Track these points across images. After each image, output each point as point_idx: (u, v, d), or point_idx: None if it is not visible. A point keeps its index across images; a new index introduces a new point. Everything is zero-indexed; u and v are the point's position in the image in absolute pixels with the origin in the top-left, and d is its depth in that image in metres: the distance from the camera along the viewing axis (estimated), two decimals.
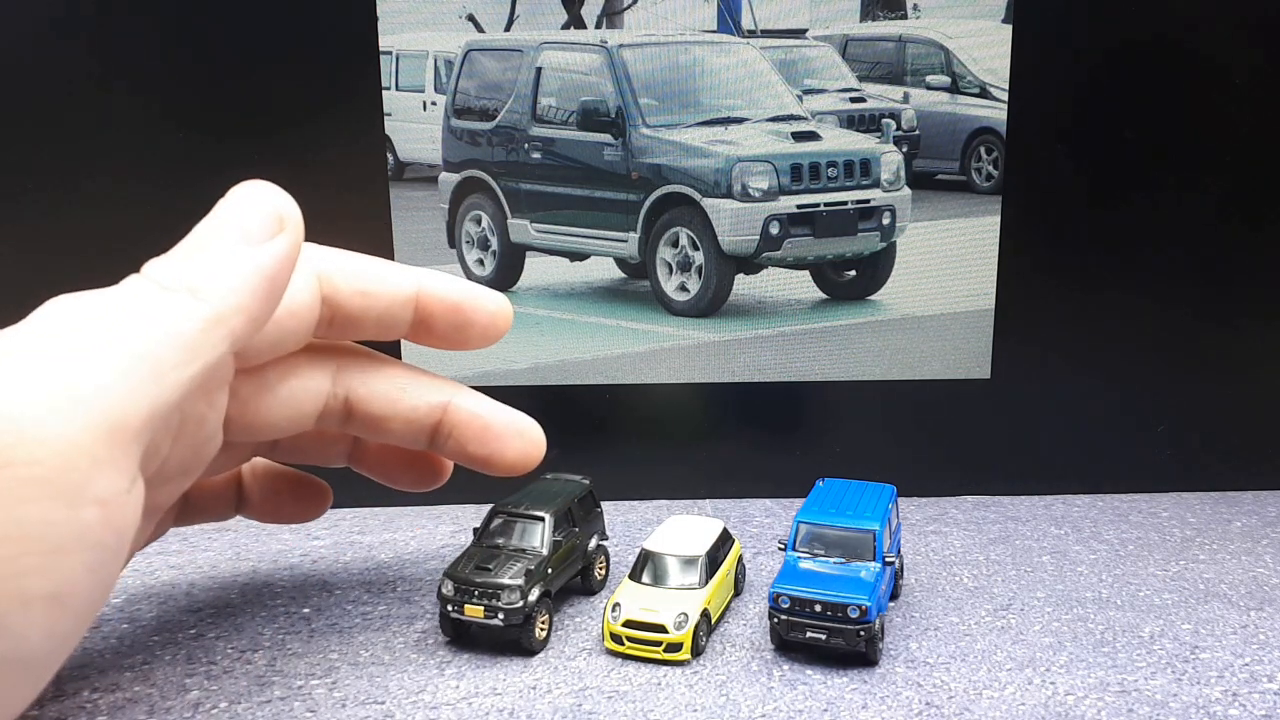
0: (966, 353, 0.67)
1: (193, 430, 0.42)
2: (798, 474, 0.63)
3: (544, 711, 0.45)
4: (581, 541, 0.55)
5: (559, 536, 0.53)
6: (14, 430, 0.33)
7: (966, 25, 0.63)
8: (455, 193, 0.66)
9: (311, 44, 0.62)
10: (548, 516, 0.53)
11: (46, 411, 0.34)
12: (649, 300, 0.67)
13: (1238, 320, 0.66)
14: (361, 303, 0.47)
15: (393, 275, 0.48)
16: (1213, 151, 0.64)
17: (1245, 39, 0.62)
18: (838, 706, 0.45)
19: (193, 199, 0.64)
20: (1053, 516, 0.66)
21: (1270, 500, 0.68)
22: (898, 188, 0.66)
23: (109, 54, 0.62)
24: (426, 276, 0.49)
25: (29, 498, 0.33)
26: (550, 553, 0.52)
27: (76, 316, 0.37)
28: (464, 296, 0.49)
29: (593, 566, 0.56)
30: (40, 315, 0.37)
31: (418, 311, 0.48)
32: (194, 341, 0.38)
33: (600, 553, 0.57)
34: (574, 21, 0.63)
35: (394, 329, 0.49)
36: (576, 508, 0.55)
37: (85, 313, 0.37)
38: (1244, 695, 0.46)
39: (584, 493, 0.57)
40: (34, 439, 0.33)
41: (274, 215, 0.43)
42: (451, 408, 0.49)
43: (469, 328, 0.49)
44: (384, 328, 0.48)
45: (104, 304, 0.38)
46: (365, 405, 0.49)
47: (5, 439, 0.33)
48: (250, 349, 0.43)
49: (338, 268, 0.46)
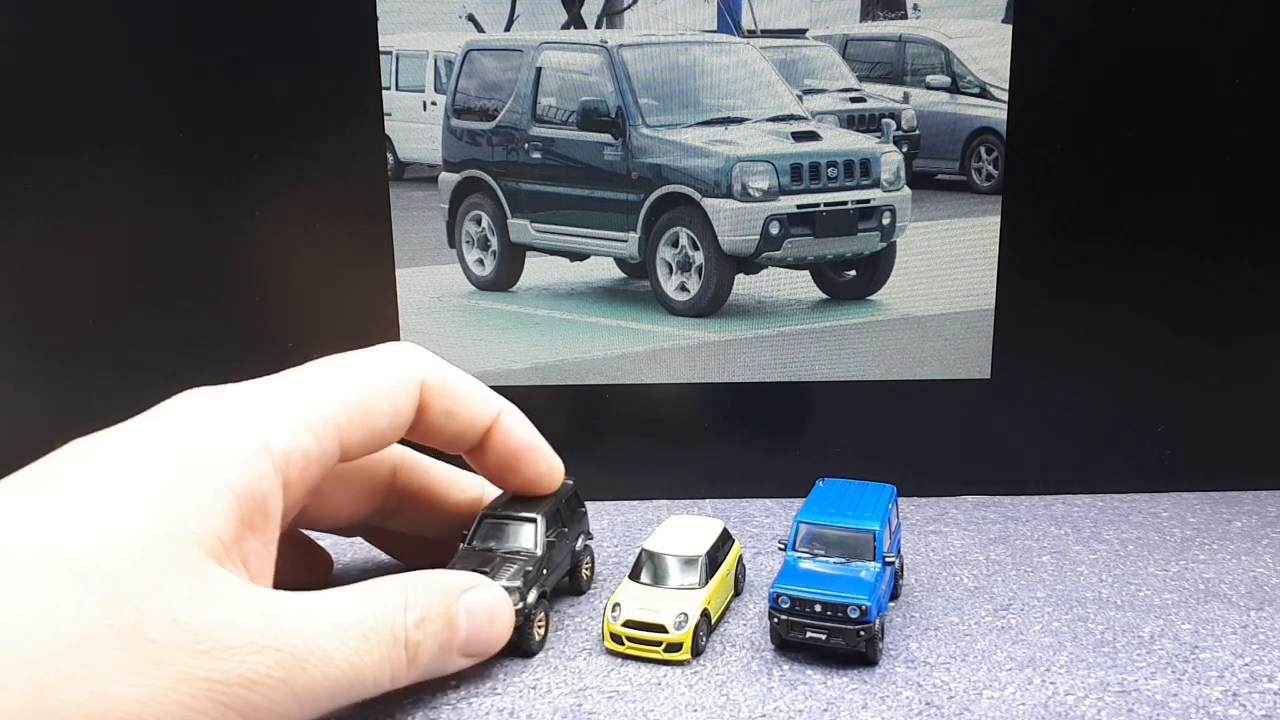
0: (966, 353, 0.67)
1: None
2: (798, 474, 0.63)
3: (544, 711, 0.45)
4: (569, 542, 0.55)
5: (551, 537, 0.53)
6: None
7: (966, 25, 0.63)
8: (455, 193, 0.66)
9: (311, 44, 0.62)
10: (539, 518, 0.52)
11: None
12: (649, 300, 0.67)
13: (1238, 320, 0.66)
14: (444, 420, 0.49)
15: (478, 400, 0.50)
16: (1213, 151, 0.64)
17: (1245, 39, 0.62)
18: (838, 706, 0.45)
19: (192, 199, 0.64)
20: (1053, 516, 0.66)
21: (1270, 500, 0.68)
22: (898, 188, 0.66)
23: (109, 53, 0.62)
24: (508, 411, 0.52)
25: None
26: (544, 554, 0.52)
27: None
28: (534, 444, 0.52)
29: (580, 566, 0.56)
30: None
31: (484, 439, 0.51)
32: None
33: (587, 553, 0.57)
34: (574, 21, 0.63)
35: (457, 448, 0.52)
36: (564, 508, 0.55)
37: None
38: (1244, 695, 0.46)
39: (569, 493, 0.56)
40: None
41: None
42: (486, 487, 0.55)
43: (518, 474, 0.53)
44: (451, 446, 0.51)
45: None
46: (414, 500, 0.53)
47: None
48: (353, 449, 0.46)
49: (437, 382, 0.49)
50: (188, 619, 0.36)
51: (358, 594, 0.43)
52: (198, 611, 0.36)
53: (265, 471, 0.41)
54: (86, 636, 0.34)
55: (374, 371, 0.46)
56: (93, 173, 0.63)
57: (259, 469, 0.40)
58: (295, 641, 0.38)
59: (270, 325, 0.65)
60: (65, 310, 0.65)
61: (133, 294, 0.65)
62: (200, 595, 0.37)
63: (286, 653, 0.38)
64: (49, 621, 0.34)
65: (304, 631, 0.39)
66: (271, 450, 0.41)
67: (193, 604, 0.36)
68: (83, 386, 0.64)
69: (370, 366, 0.47)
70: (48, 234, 0.64)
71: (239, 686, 0.36)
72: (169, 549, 0.37)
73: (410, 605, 0.44)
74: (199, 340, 0.65)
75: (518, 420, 0.52)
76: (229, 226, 0.65)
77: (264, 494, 0.41)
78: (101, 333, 0.65)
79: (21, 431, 0.42)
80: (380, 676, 0.42)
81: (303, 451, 0.42)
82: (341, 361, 0.47)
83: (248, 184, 0.64)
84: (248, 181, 0.64)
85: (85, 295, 0.65)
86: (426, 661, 0.44)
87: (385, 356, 0.48)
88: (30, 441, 0.42)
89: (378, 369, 0.47)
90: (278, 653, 0.38)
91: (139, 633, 0.35)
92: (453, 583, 0.46)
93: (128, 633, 0.35)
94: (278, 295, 0.66)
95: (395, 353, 0.48)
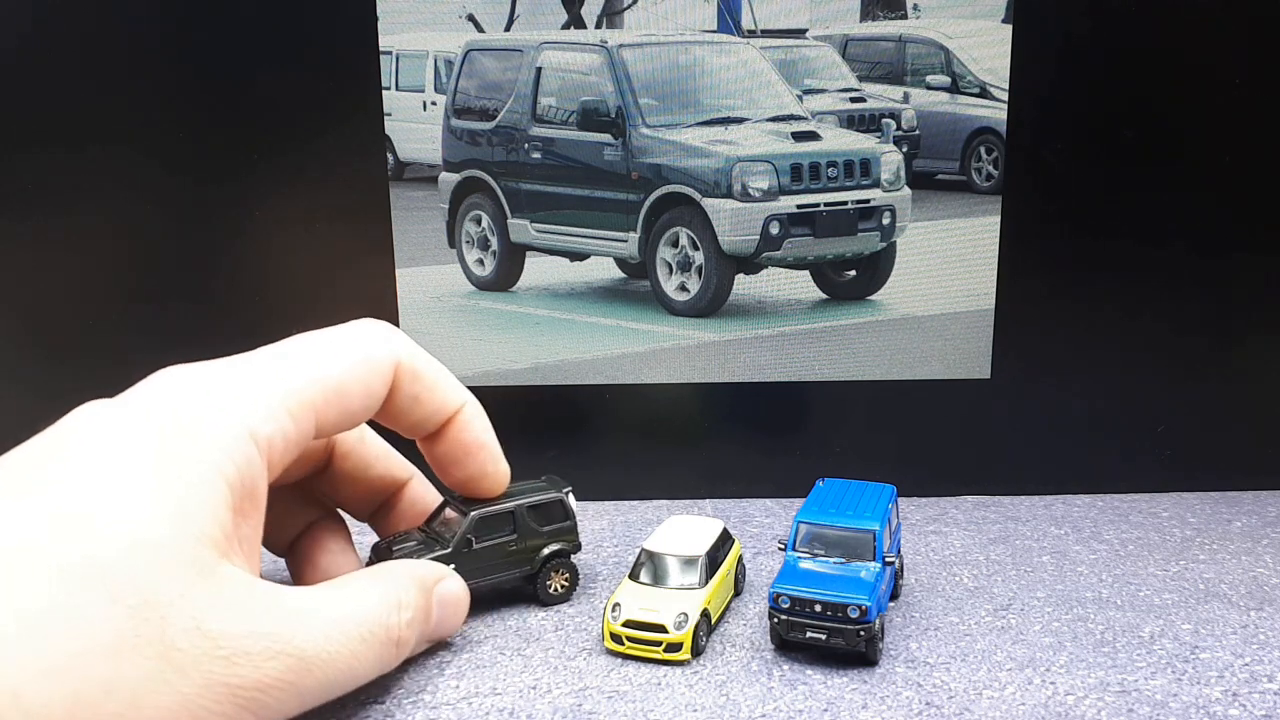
0: (966, 353, 0.67)
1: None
2: (798, 474, 0.63)
3: (544, 711, 0.45)
4: (523, 546, 0.54)
5: (479, 534, 0.53)
6: None
7: (966, 25, 0.63)
8: (455, 193, 0.66)
9: (311, 44, 0.62)
10: (472, 515, 0.53)
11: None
12: (649, 300, 0.67)
13: (1238, 320, 0.66)
14: (409, 405, 0.49)
15: (445, 389, 0.50)
16: (1213, 151, 0.64)
17: (1245, 39, 0.62)
18: (838, 706, 0.45)
19: (192, 198, 0.64)
20: (1053, 516, 0.66)
21: (1270, 500, 0.68)
22: (898, 188, 0.66)
23: (109, 54, 0.62)
24: (471, 404, 0.52)
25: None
26: (456, 547, 0.52)
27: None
28: (487, 442, 0.52)
29: (542, 575, 0.55)
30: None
31: (442, 428, 0.51)
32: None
33: (562, 566, 0.55)
34: (574, 21, 0.63)
35: (414, 433, 0.52)
36: (527, 513, 0.54)
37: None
38: (1244, 695, 0.46)
39: (549, 501, 0.55)
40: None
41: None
42: (413, 483, 0.56)
43: (464, 469, 0.53)
44: (410, 430, 0.51)
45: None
46: (341, 463, 0.53)
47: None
48: (327, 428, 0.46)
49: (409, 366, 0.49)
50: (209, 625, 0.36)
51: (354, 593, 0.44)
52: (217, 617, 0.37)
53: (253, 457, 0.41)
54: (117, 645, 0.34)
55: (350, 351, 0.46)
56: (93, 173, 0.63)
57: (247, 455, 0.41)
58: (304, 646, 0.39)
59: (270, 325, 0.65)
60: (65, 310, 0.65)
61: (133, 294, 0.65)
62: (218, 600, 0.37)
63: (296, 657, 0.39)
64: (81, 630, 0.34)
65: (311, 635, 0.40)
66: (256, 436, 0.41)
67: (212, 609, 0.37)
68: (83, 386, 0.64)
69: (346, 346, 0.47)
70: (48, 234, 0.64)
71: (255, 690, 0.37)
72: (184, 551, 0.37)
73: (403, 605, 0.45)
74: (199, 340, 0.65)
75: (478, 415, 0.52)
76: (229, 226, 0.65)
77: (253, 480, 0.41)
78: (101, 332, 0.65)
79: (21, 431, 0.42)
80: (371, 673, 0.44)
81: (283, 435, 0.43)
82: (318, 340, 0.47)
83: (248, 184, 0.64)
84: (248, 181, 0.64)
85: (85, 295, 0.65)
86: (407, 653, 0.47)
87: (360, 335, 0.48)
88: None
89: (354, 349, 0.47)
90: (289, 658, 0.38)
91: (165, 640, 0.35)
92: (427, 574, 0.48)
93: (155, 641, 0.35)
94: (278, 295, 0.66)
95: (370, 332, 0.48)
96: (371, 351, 0.47)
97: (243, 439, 0.41)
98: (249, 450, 0.41)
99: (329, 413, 0.45)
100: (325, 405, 0.45)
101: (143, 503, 0.37)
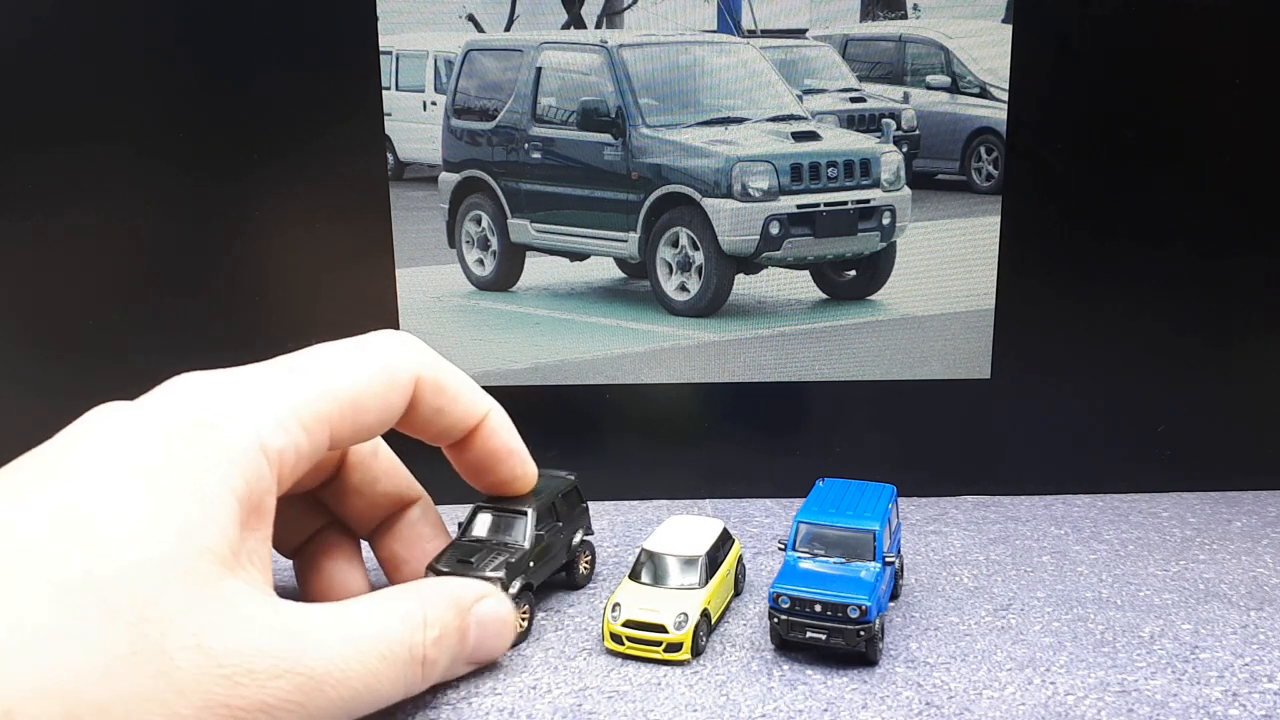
0: (966, 353, 0.67)
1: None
2: (798, 474, 0.63)
3: (544, 711, 0.45)
4: (565, 536, 0.55)
5: (541, 531, 0.53)
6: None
7: (966, 25, 0.63)
8: (455, 193, 0.66)
9: (311, 44, 0.62)
10: (530, 511, 0.52)
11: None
12: (649, 300, 0.67)
13: (1238, 320, 0.66)
14: (433, 416, 0.49)
15: (468, 399, 0.50)
16: (1213, 151, 0.64)
17: (1245, 39, 0.62)
18: (838, 706, 0.45)
19: (192, 198, 0.64)
20: (1053, 516, 0.66)
21: (1270, 500, 0.68)
22: (898, 188, 0.66)
23: (109, 53, 0.62)
24: (495, 411, 0.51)
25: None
26: (532, 546, 0.52)
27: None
28: (515, 448, 0.52)
29: (577, 562, 0.56)
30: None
31: (468, 436, 0.51)
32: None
33: (585, 548, 0.57)
34: (574, 21, 0.63)
35: (440, 442, 0.51)
36: (560, 503, 0.55)
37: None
38: (1244, 695, 0.46)
39: (568, 488, 0.56)
40: None
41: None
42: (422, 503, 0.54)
43: (494, 474, 0.52)
44: (435, 439, 0.51)
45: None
46: (349, 475, 0.52)
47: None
48: (341, 441, 0.46)
49: (430, 379, 0.48)
50: (210, 643, 0.35)
51: (375, 610, 0.42)
52: (219, 634, 0.36)
53: (262, 471, 0.40)
54: (113, 664, 0.33)
55: (368, 364, 0.46)
56: (93, 173, 0.63)
57: (257, 469, 0.40)
58: (314, 665, 0.38)
59: (270, 325, 0.65)
60: (65, 310, 0.65)
61: (133, 294, 0.65)
62: (220, 616, 0.36)
63: (305, 676, 0.37)
64: (77, 647, 0.33)
65: (322, 653, 0.38)
66: (267, 449, 0.41)
67: (214, 626, 0.36)
68: (83, 386, 0.64)
69: (364, 358, 0.46)
70: (47, 234, 0.64)
71: (259, 710, 0.36)
72: (186, 567, 0.36)
73: (429, 623, 0.43)
74: (199, 340, 0.65)
75: (503, 422, 0.52)
76: (229, 226, 0.65)
77: (261, 493, 0.40)
78: (102, 332, 0.65)
79: (22, 431, 0.42)
80: (394, 693, 0.42)
81: (295, 448, 0.42)
82: (336, 351, 0.46)
83: (248, 184, 0.64)
84: (248, 181, 0.64)
85: (85, 295, 0.65)
86: (438, 675, 0.45)
87: (380, 347, 0.47)
88: (31, 441, 0.42)
89: (372, 361, 0.46)
90: (297, 676, 0.37)
91: (164, 659, 0.34)
92: (465, 593, 0.46)
93: (153, 659, 0.34)
94: (278, 295, 0.66)
95: (391, 345, 0.47)
96: (390, 364, 0.46)
97: (253, 451, 0.40)
98: (259, 462, 0.40)
99: (344, 426, 0.44)
100: (340, 418, 0.44)
101: (146, 515, 0.36)
